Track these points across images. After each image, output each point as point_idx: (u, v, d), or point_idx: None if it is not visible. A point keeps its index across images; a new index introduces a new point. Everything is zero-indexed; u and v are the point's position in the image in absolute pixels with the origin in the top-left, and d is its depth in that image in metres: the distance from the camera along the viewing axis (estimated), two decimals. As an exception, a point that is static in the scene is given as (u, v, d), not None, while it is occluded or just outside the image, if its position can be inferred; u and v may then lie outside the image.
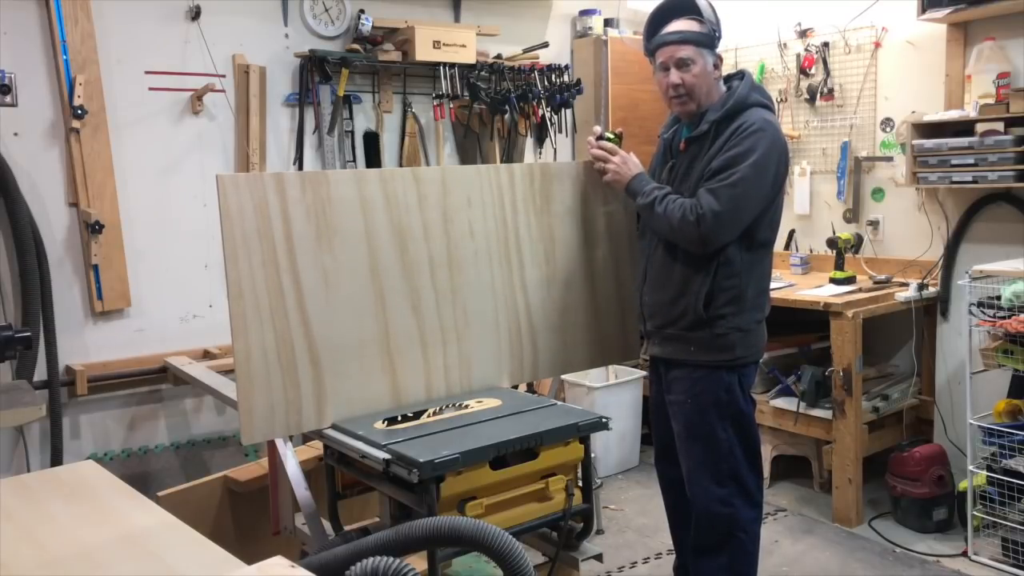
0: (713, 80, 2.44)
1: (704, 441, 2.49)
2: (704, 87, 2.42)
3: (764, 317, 2.52)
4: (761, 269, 2.48)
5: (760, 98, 2.43)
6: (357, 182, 2.36)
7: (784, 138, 2.43)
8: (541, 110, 4.27)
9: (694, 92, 2.42)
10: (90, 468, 1.96)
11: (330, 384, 2.28)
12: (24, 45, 3.18)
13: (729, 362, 2.45)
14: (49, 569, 1.44)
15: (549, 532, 2.35)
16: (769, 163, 2.35)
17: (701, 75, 2.41)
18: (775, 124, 2.40)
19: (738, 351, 2.44)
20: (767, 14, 4.42)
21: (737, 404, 2.48)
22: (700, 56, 2.40)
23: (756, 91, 2.44)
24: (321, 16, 3.84)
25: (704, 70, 2.41)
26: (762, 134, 2.33)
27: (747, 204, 2.35)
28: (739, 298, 2.41)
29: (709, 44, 2.42)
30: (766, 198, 2.39)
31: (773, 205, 2.44)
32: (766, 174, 2.35)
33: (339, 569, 1.47)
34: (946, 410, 3.78)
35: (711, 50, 2.43)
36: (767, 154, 2.33)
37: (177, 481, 3.31)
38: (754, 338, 2.48)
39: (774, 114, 2.48)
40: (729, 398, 2.47)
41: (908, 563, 3.26)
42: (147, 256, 3.47)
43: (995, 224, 3.64)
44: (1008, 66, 3.49)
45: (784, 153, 2.41)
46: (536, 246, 2.66)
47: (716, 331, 2.43)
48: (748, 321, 2.44)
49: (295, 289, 2.23)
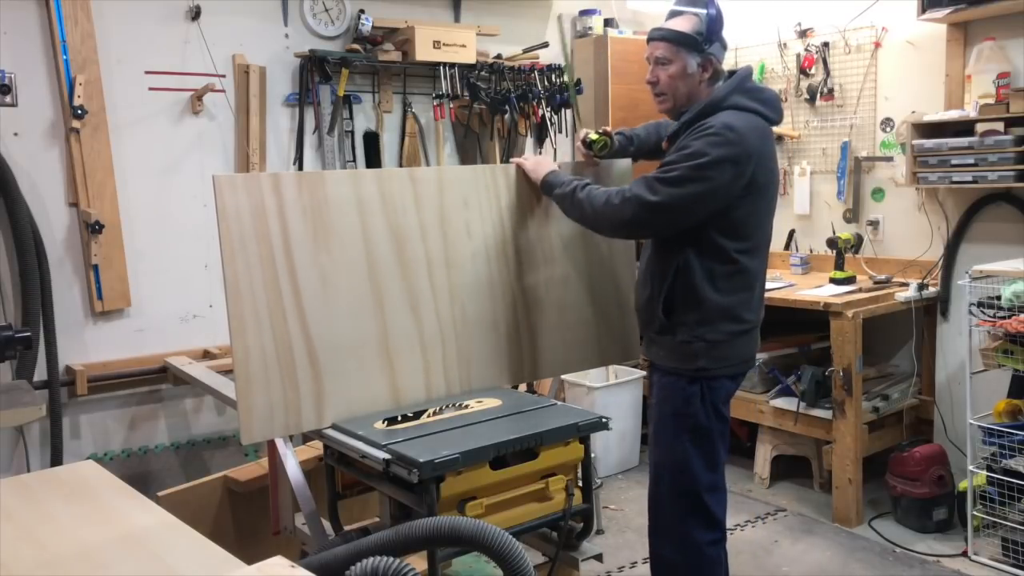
0: (696, 82, 2.37)
1: (664, 450, 2.43)
2: (682, 88, 2.37)
3: (745, 330, 2.38)
4: (736, 281, 2.34)
5: (742, 100, 2.31)
6: (354, 182, 2.36)
7: (752, 145, 2.25)
8: (541, 110, 4.27)
9: (668, 91, 2.39)
10: (90, 468, 1.96)
11: (329, 384, 2.28)
12: (24, 45, 3.18)
13: (691, 372, 2.36)
14: (49, 569, 1.44)
15: (549, 532, 2.35)
16: (716, 169, 2.20)
17: (677, 76, 2.36)
18: (739, 129, 2.23)
19: (701, 362, 2.34)
20: (767, 14, 4.42)
21: (696, 417, 2.37)
22: (678, 56, 2.35)
23: (740, 93, 2.32)
24: (321, 16, 3.84)
25: (682, 71, 2.36)
26: (715, 138, 2.21)
27: (681, 203, 2.22)
28: (701, 307, 2.32)
29: (692, 45, 2.34)
30: (709, 204, 2.24)
31: (734, 213, 2.28)
32: (710, 179, 2.20)
33: (339, 569, 1.47)
34: (946, 410, 3.78)
35: (696, 52, 2.34)
36: (717, 160, 2.19)
37: (177, 481, 3.31)
38: (724, 351, 2.35)
39: (762, 116, 2.33)
40: (688, 410, 2.37)
41: (908, 563, 3.26)
42: (147, 256, 3.47)
43: (995, 224, 3.64)
44: (1008, 66, 3.49)
45: (743, 162, 2.23)
46: (534, 246, 2.66)
47: (678, 338, 2.36)
48: (716, 332, 2.33)
49: (293, 289, 2.23)
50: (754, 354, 2.49)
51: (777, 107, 2.41)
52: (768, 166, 2.35)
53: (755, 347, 2.48)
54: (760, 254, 2.42)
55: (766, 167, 2.33)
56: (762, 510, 3.77)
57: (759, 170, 2.28)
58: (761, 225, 2.39)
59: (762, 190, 2.32)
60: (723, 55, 2.42)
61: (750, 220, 2.33)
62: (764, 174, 2.31)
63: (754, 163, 2.26)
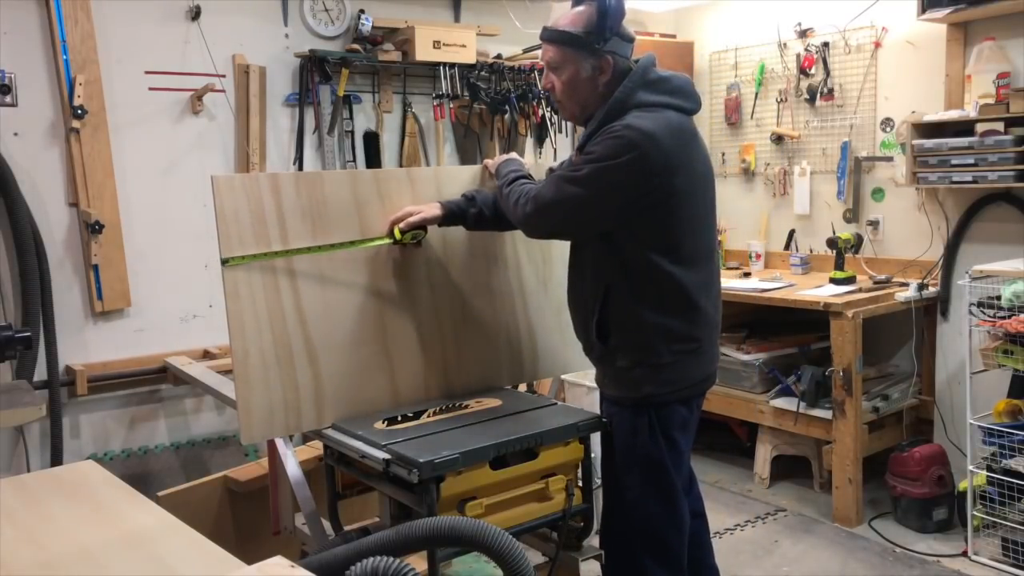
0: (594, 86, 2.12)
1: (612, 485, 2.25)
2: (577, 95, 2.14)
3: (691, 350, 2.14)
4: (675, 297, 2.11)
5: (647, 97, 2.07)
6: (352, 182, 2.37)
7: (667, 148, 2.01)
8: (541, 110, 4.27)
9: (564, 99, 2.17)
10: (90, 468, 1.96)
11: (329, 384, 2.28)
12: (24, 45, 3.18)
13: (636, 399, 2.14)
14: (49, 569, 1.44)
15: (549, 532, 2.35)
16: (621, 172, 2.00)
17: (570, 82, 2.12)
18: (649, 131, 1.99)
19: (646, 388, 2.12)
20: (767, 14, 4.42)
21: (645, 448, 2.14)
22: (568, 60, 2.11)
23: (644, 88, 2.07)
24: (321, 16, 3.84)
25: (574, 76, 2.12)
26: (620, 141, 1.99)
27: (581, 203, 2.05)
28: (638, 329, 2.11)
29: (582, 46, 2.09)
30: (612, 208, 2.05)
31: (655, 223, 2.07)
32: (613, 182, 2.01)
33: (339, 569, 1.47)
34: (946, 410, 3.78)
35: (588, 52, 2.09)
36: (623, 164, 1.99)
37: (177, 481, 3.31)
38: (670, 374, 2.12)
39: (675, 109, 2.09)
40: (635, 441, 2.15)
41: (908, 563, 3.26)
42: (147, 256, 3.47)
43: (995, 224, 3.64)
44: (1008, 66, 3.49)
45: (654, 167, 2.00)
46: (533, 246, 2.65)
47: (618, 364, 2.15)
48: (658, 355, 2.11)
49: (291, 289, 2.23)
50: (709, 374, 2.24)
51: (690, 93, 2.15)
52: (692, 168, 2.10)
53: (710, 367, 2.24)
54: (700, 266, 2.15)
55: (689, 169, 2.08)
56: (762, 510, 3.77)
57: (680, 175, 2.05)
58: (693, 234, 2.12)
59: (686, 196, 2.08)
60: (627, 49, 2.14)
61: (676, 230, 2.09)
62: (687, 179, 2.07)
63: (672, 168, 2.03)
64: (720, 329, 2.30)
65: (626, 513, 2.22)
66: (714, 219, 2.25)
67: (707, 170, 2.20)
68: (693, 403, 2.23)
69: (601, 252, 2.15)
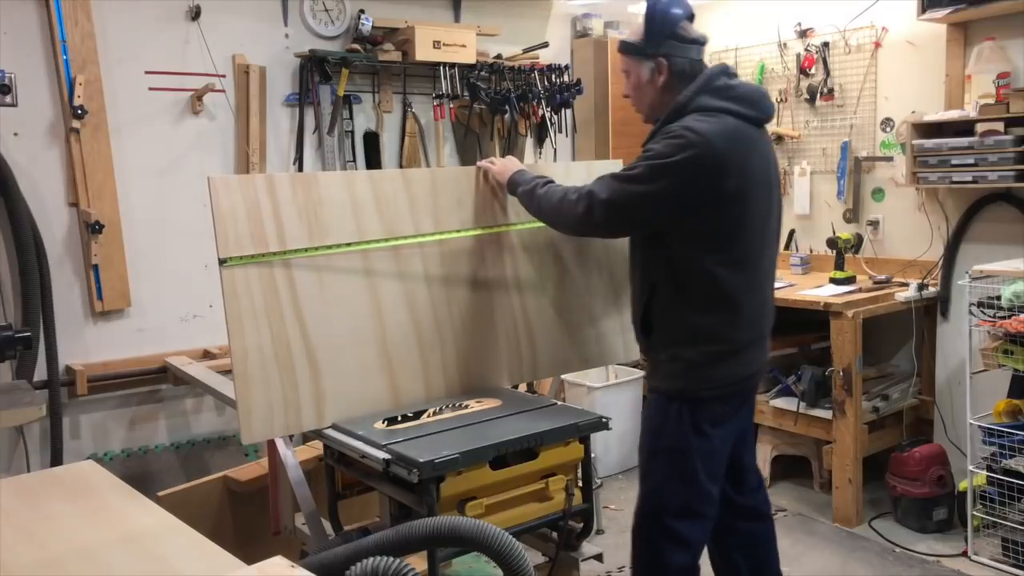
0: (656, 88, 2.24)
1: (640, 468, 2.35)
2: (644, 98, 2.28)
3: (730, 351, 2.21)
4: (717, 298, 2.17)
5: (708, 101, 2.14)
6: (347, 184, 2.37)
7: (719, 150, 2.07)
8: (541, 110, 4.27)
9: (635, 103, 2.33)
10: (90, 468, 1.96)
11: (328, 384, 2.28)
12: (24, 45, 3.18)
13: (671, 391, 2.24)
14: (49, 569, 1.44)
15: (549, 532, 2.35)
16: (675, 171, 2.06)
17: (636, 86, 2.28)
18: (703, 132, 2.07)
19: (681, 382, 2.22)
20: (767, 14, 4.42)
21: (672, 438, 2.23)
22: (631, 67, 2.28)
23: (707, 93, 2.16)
24: (321, 16, 3.84)
25: (638, 81, 2.27)
26: (676, 140, 2.07)
27: (634, 202, 2.13)
28: (678, 326, 2.21)
29: (637, 52, 2.24)
30: (665, 207, 2.12)
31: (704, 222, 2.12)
32: (667, 181, 2.08)
33: (339, 569, 1.47)
34: (946, 410, 3.78)
35: (643, 57, 2.23)
36: (677, 163, 2.05)
37: (177, 481, 3.31)
38: (705, 372, 2.20)
39: (736, 116, 2.15)
40: (664, 429, 2.24)
41: (908, 563, 3.26)
42: (147, 256, 3.47)
43: (995, 224, 3.64)
44: (1008, 66, 3.49)
45: (707, 167, 2.06)
46: (531, 245, 2.65)
47: (659, 356, 2.27)
48: (695, 352, 2.19)
49: (290, 289, 2.24)
50: (747, 376, 2.30)
51: (755, 102, 2.21)
52: (747, 173, 2.14)
53: (747, 369, 2.28)
54: (746, 268, 2.19)
55: (743, 174, 2.12)
56: (762, 510, 3.77)
57: (732, 178, 2.09)
58: (742, 237, 2.17)
59: (735, 198, 2.12)
60: (687, 51, 2.22)
61: (724, 232, 2.14)
62: (740, 182, 2.11)
63: (724, 171, 2.08)
64: (768, 334, 2.35)
65: (646, 498, 2.31)
66: (773, 225, 2.30)
67: (767, 176, 2.24)
68: (731, 401, 2.29)
69: (650, 250, 2.24)
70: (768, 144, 2.30)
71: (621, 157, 3.60)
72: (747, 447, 2.52)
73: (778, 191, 2.33)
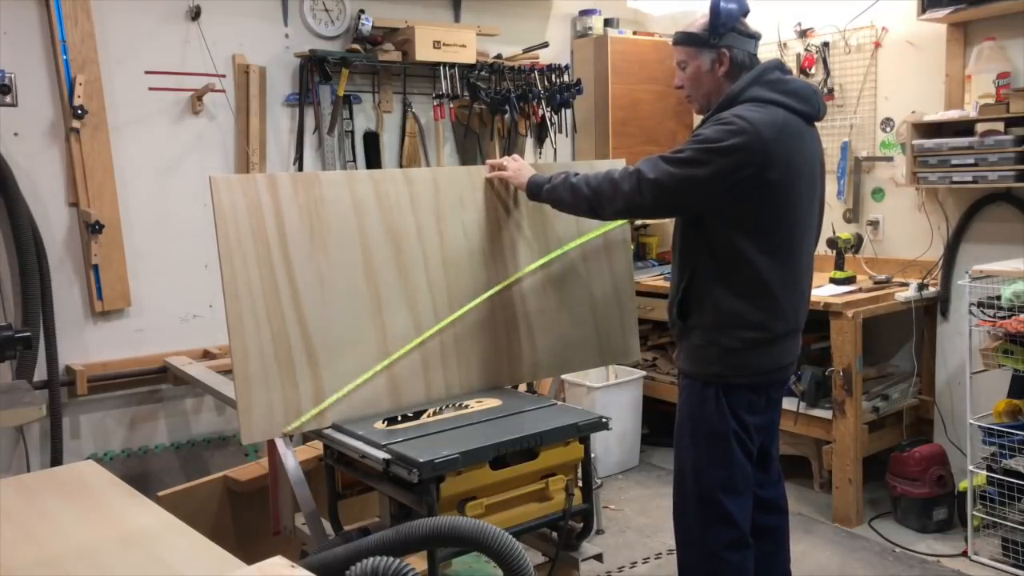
0: (715, 78, 2.30)
1: (681, 454, 2.39)
2: (702, 87, 2.34)
3: (765, 339, 2.26)
4: (754, 285, 2.22)
5: (761, 92, 2.21)
6: (348, 183, 2.37)
7: (765, 138, 2.13)
8: (541, 110, 4.27)
9: (691, 92, 2.37)
10: (90, 468, 1.96)
11: (329, 383, 2.28)
12: (24, 45, 3.18)
13: (706, 376, 2.30)
14: (49, 569, 1.44)
15: (549, 532, 2.35)
16: (722, 155, 2.12)
17: (693, 76, 2.33)
18: (752, 120, 2.13)
19: (714, 368, 2.27)
20: (767, 14, 4.41)
21: (710, 421, 2.29)
22: (690, 57, 2.33)
23: (760, 85, 2.23)
24: (321, 16, 3.84)
25: (697, 71, 2.32)
26: (726, 126, 2.14)
27: (681, 184, 2.16)
28: (714, 311, 2.25)
29: (700, 43, 2.31)
30: (710, 189, 2.16)
31: (745, 208, 2.18)
32: (715, 164, 2.12)
33: (339, 569, 1.47)
34: (946, 410, 3.78)
35: (706, 48, 2.30)
36: (726, 147, 2.11)
37: (177, 481, 3.31)
38: (740, 359, 2.26)
39: (787, 108, 2.21)
40: (702, 413, 2.30)
41: (908, 563, 3.26)
42: (147, 256, 3.47)
43: (995, 224, 3.64)
44: (1008, 66, 3.49)
45: (753, 153, 2.12)
46: (532, 245, 2.66)
47: (694, 342, 2.31)
48: (730, 338, 2.24)
49: (290, 288, 2.24)
50: (781, 366, 2.34)
51: (806, 97, 2.27)
52: (792, 164, 2.20)
53: (782, 359, 2.33)
54: (785, 260, 2.25)
55: (787, 165, 2.18)
56: (762, 510, 3.77)
57: (776, 168, 2.15)
58: (783, 228, 2.23)
59: (779, 189, 2.18)
60: (746, 44, 2.34)
61: (765, 220, 2.20)
62: (783, 173, 2.17)
63: (769, 160, 2.14)
64: (802, 327, 2.39)
65: (692, 482, 2.34)
66: (813, 222, 2.36)
67: (811, 172, 2.31)
68: (763, 390, 2.34)
69: (691, 235, 2.29)
70: (816, 142, 2.35)
71: (621, 157, 3.59)
72: (773, 439, 2.56)
73: (822, 190, 2.39)
